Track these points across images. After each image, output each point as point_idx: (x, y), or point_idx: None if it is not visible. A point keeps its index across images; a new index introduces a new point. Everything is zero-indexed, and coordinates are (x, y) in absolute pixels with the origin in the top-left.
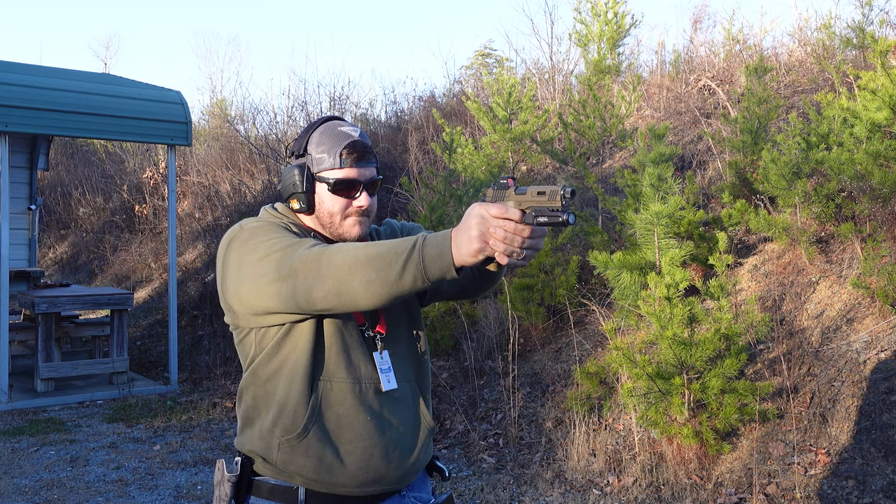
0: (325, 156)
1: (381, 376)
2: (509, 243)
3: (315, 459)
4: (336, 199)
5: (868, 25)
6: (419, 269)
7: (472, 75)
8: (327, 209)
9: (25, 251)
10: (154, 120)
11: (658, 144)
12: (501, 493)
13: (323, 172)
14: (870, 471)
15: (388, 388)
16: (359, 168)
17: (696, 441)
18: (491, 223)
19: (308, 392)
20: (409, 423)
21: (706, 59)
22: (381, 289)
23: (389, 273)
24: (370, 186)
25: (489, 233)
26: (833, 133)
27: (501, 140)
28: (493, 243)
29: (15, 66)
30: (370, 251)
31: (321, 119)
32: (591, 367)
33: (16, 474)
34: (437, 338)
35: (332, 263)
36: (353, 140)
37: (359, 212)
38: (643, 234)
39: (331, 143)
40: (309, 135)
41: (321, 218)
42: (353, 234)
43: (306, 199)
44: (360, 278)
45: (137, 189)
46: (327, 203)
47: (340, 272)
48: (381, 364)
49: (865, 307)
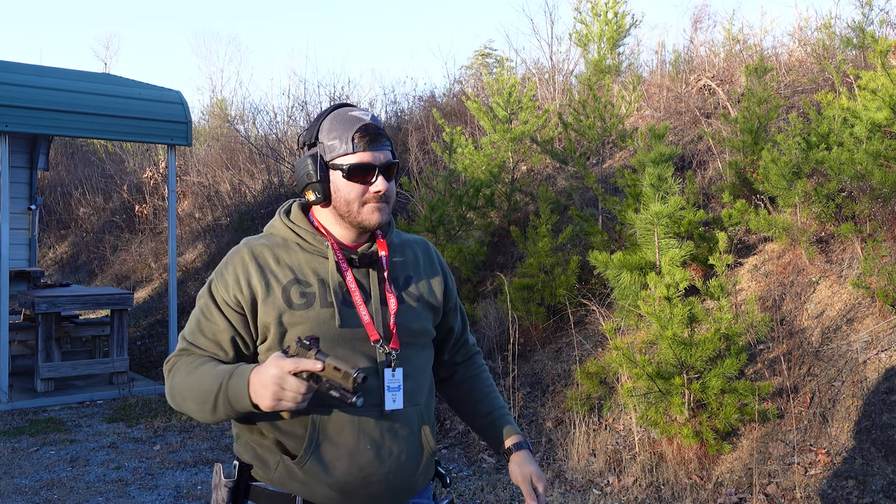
0: (336, 142)
1: (387, 395)
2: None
3: (312, 485)
4: (352, 186)
5: (868, 25)
6: (228, 407)
7: (472, 75)
8: (343, 197)
9: (25, 251)
10: (154, 120)
11: (658, 144)
12: (501, 492)
13: (336, 159)
14: (870, 471)
15: (391, 408)
16: (373, 151)
17: (696, 441)
18: (284, 382)
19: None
20: (411, 450)
21: (706, 59)
22: (204, 417)
23: (205, 408)
24: (386, 171)
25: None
26: (833, 133)
27: (501, 140)
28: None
29: (15, 66)
30: (193, 384)
31: (331, 107)
32: (591, 367)
33: (16, 474)
34: None
35: (173, 385)
36: (365, 123)
37: (377, 197)
38: (643, 234)
39: (342, 128)
40: (320, 123)
41: (338, 207)
42: (373, 220)
43: (321, 188)
44: (188, 406)
45: (137, 189)
46: (343, 191)
47: (176, 395)
48: (391, 382)
49: (865, 307)
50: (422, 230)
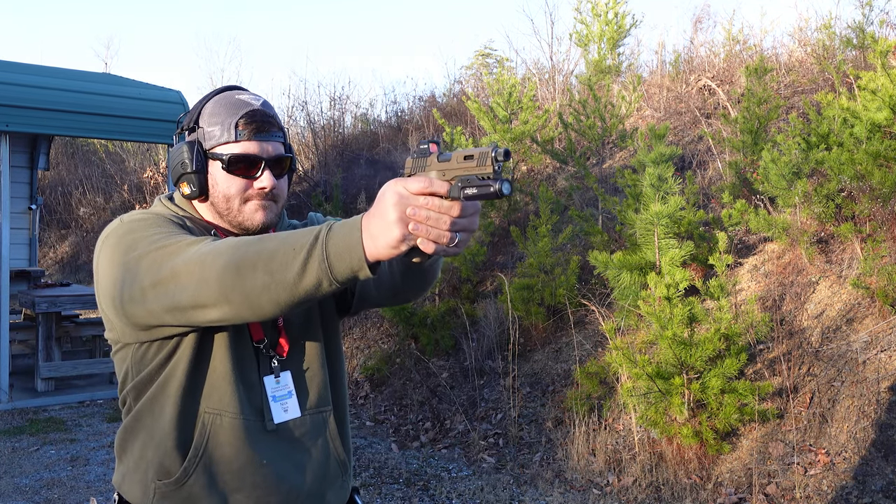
0: (217, 128)
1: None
2: (435, 225)
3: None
4: (232, 180)
5: (868, 26)
6: (323, 269)
7: (472, 75)
8: (222, 192)
9: (26, 251)
10: (154, 120)
11: (658, 144)
12: (501, 492)
13: (216, 148)
14: (870, 471)
15: (281, 420)
16: (260, 142)
17: (696, 441)
18: (411, 202)
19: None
20: (316, 464)
21: (706, 60)
22: (276, 295)
23: (286, 274)
24: (276, 165)
25: (410, 215)
26: (833, 133)
27: (502, 140)
28: (414, 228)
29: (15, 66)
30: (262, 247)
31: (217, 89)
32: (591, 367)
33: (16, 474)
34: (436, 337)
35: (216, 265)
36: (253, 108)
37: (261, 194)
38: (643, 234)
39: (225, 112)
40: (202, 106)
41: (216, 204)
42: (255, 221)
43: (197, 181)
44: (250, 282)
45: (138, 189)
46: (222, 185)
47: (226, 275)
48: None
49: (865, 307)
50: None
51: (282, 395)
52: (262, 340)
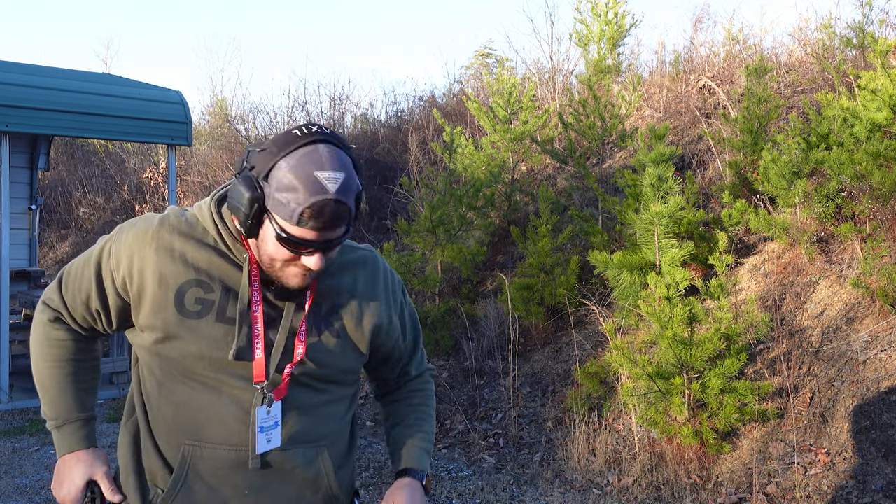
0: (283, 200)
1: (260, 435)
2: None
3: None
4: (282, 249)
5: (868, 25)
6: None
7: (472, 75)
8: (268, 252)
9: (26, 251)
10: (154, 120)
11: (658, 144)
12: (501, 492)
13: (276, 217)
14: (870, 471)
15: (264, 448)
16: (321, 231)
17: (696, 441)
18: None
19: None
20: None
21: (706, 59)
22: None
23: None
24: (330, 248)
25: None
26: (833, 133)
27: (502, 140)
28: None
29: (15, 66)
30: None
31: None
32: (591, 367)
33: (16, 474)
34: (436, 338)
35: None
36: (325, 201)
37: (304, 268)
38: (643, 234)
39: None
40: (277, 159)
41: (260, 255)
42: (291, 284)
43: (248, 227)
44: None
45: (138, 189)
46: (270, 246)
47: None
48: (265, 421)
49: (865, 307)
50: (422, 230)
51: (269, 427)
52: (261, 383)
